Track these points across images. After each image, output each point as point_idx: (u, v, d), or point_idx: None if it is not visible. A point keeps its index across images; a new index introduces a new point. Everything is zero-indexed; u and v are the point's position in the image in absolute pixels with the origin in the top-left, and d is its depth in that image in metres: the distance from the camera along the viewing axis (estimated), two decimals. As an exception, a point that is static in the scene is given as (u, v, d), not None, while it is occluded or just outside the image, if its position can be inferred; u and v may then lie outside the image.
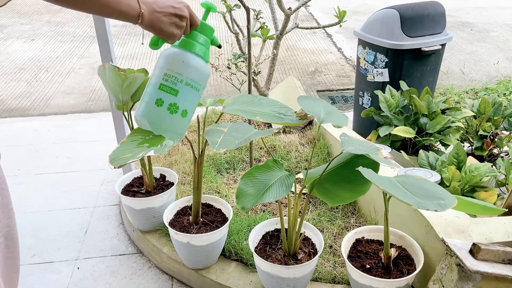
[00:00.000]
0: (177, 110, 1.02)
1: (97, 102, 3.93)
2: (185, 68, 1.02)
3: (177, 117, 1.03)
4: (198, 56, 1.04)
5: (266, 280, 1.61)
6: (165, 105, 1.01)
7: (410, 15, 2.63)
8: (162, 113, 1.01)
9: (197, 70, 1.03)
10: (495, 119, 2.45)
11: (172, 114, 1.02)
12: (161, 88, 1.01)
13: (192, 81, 1.03)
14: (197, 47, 1.04)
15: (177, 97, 1.01)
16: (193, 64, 1.03)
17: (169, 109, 1.01)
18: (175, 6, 0.97)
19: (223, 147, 1.28)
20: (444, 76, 4.50)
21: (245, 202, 1.32)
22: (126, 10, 0.89)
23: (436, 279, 1.42)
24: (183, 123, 1.05)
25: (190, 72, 1.02)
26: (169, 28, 0.96)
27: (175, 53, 1.03)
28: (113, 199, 2.45)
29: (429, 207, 1.11)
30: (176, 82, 1.01)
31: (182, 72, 1.01)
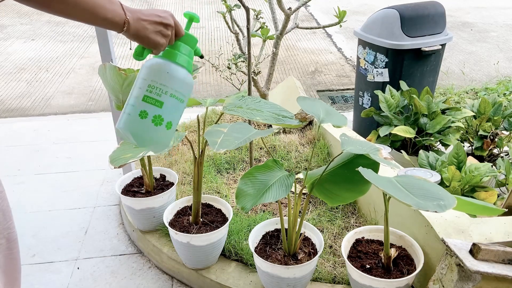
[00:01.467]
0: (162, 122, 0.99)
1: (97, 102, 3.93)
2: (170, 79, 0.99)
3: (161, 129, 1.00)
4: (183, 66, 1.02)
5: (266, 280, 1.61)
6: (149, 117, 0.98)
7: (410, 15, 2.63)
8: (147, 126, 0.98)
9: (182, 81, 1.01)
10: (495, 119, 2.45)
11: (157, 126, 0.99)
12: (145, 100, 0.98)
13: (177, 92, 1.00)
14: (181, 58, 1.02)
15: (162, 109, 0.99)
16: (178, 75, 1.00)
17: (153, 121, 0.98)
18: (160, 15, 0.95)
19: (223, 147, 1.28)
20: (444, 76, 4.50)
21: (245, 202, 1.32)
22: (112, 17, 0.88)
23: (436, 279, 1.42)
24: (168, 135, 1.03)
25: (175, 83, 1.00)
26: (154, 37, 0.95)
27: (159, 63, 1.00)
28: (113, 199, 2.45)
29: (429, 208, 1.11)
30: (161, 94, 0.98)
31: (167, 83, 0.99)
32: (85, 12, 0.85)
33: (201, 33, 5.91)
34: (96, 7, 0.85)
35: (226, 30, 5.87)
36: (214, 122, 2.87)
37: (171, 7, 7.24)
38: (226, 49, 5.16)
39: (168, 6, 7.26)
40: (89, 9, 0.85)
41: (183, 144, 2.74)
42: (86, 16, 0.85)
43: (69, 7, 0.83)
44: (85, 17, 0.86)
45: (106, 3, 0.87)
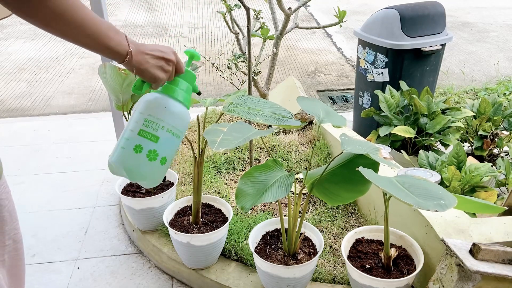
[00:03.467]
0: (157, 157, 0.98)
1: (97, 102, 3.93)
2: (167, 114, 0.98)
3: (155, 165, 0.98)
4: (180, 102, 1.01)
5: (266, 280, 1.61)
6: (144, 151, 0.96)
7: (410, 15, 2.63)
8: (141, 160, 0.96)
9: (179, 117, 1.00)
10: (495, 119, 2.45)
11: (151, 161, 0.97)
12: (140, 134, 0.97)
13: (173, 128, 0.99)
14: (180, 94, 1.01)
15: (157, 144, 0.97)
16: (176, 110, 1.00)
17: (148, 156, 0.96)
18: (162, 50, 0.96)
19: (222, 146, 1.28)
20: (444, 76, 4.50)
21: (245, 202, 1.32)
22: (114, 46, 0.87)
23: (436, 279, 1.42)
24: (161, 170, 1.01)
25: (172, 118, 0.99)
26: (155, 71, 0.95)
27: (157, 98, 0.99)
28: (113, 199, 2.45)
29: (429, 207, 1.11)
30: (157, 128, 0.97)
31: (164, 118, 0.98)
32: (87, 38, 0.84)
33: (201, 33, 5.91)
34: (100, 34, 0.85)
35: (226, 30, 5.87)
36: (214, 122, 2.87)
37: (171, 7, 7.25)
38: (226, 49, 5.16)
39: (168, 6, 7.27)
40: (91, 34, 0.83)
41: (183, 144, 2.74)
42: (87, 41, 0.84)
43: (71, 29, 0.81)
44: (86, 42, 0.85)
45: (111, 32, 0.87)
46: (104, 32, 0.85)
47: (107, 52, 0.88)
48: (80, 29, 0.82)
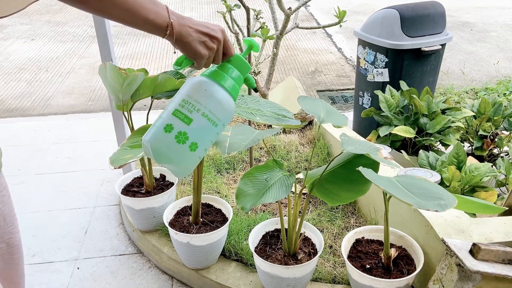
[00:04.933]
0: (186, 141, 0.91)
1: (97, 102, 3.93)
2: (207, 97, 0.92)
3: (184, 149, 0.91)
4: (225, 89, 0.94)
5: (266, 280, 1.61)
6: (173, 132, 0.90)
7: (410, 15, 2.63)
8: (168, 141, 0.90)
9: (220, 103, 0.93)
10: (495, 119, 2.45)
11: (179, 144, 0.90)
12: (174, 114, 0.91)
13: (210, 113, 0.92)
14: (227, 81, 0.94)
15: (189, 126, 0.90)
16: (217, 96, 0.93)
17: (176, 138, 0.90)
18: (209, 27, 0.90)
19: (233, 150, 1.28)
20: (444, 76, 4.50)
21: (245, 202, 1.32)
22: (154, 18, 0.82)
23: (436, 279, 1.42)
24: (191, 157, 0.93)
25: (211, 103, 0.92)
26: (197, 46, 0.88)
27: (201, 81, 0.93)
28: (113, 199, 2.45)
29: (429, 207, 1.11)
30: (192, 110, 0.91)
31: (202, 101, 0.91)
32: (124, 12, 0.78)
33: (201, 33, 5.90)
34: (137, 7, 0.79)
35: (226, 30, 5.87)
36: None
37: (171, 7, 7.25)
38: (226, 49, 5.15)
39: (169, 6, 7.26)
40: (129, 8, 0.78)
41: (183, 144, 2.74)
42: (125, 16, 0.79)
43: (107, 5, 0.77)
44: (124, 17, 0.80)
45: (149, 4, 0.82)
46: (142, 4, 0.80)
47: (146, 25, 0.83)
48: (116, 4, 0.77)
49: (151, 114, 1.99)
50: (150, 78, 1.71)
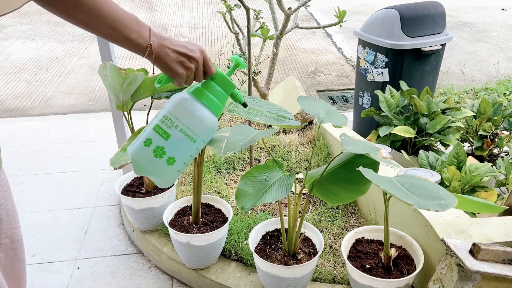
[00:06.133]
0: (163, 155, 0.96)
1: (97, 102, 3.93)
2: (185, 114, 0.96)
3: (161, 163, 0.96)
4: (206, 107, 0.97)
5: (266, 280, 1.61)
6: (152, 146, 0.96)
7: (410, 15, 2.63)
8: (146, 154, 0.96)
9: (199, 120, 0.97)
10: (495, 119, 2.45)
11: (156, 158, 0.96)
12: (155, 129, 0.96)
13: (188, 129, 0.96)
14: (208, 98, 0.97)
15: (166, 141, 0.96)
16: (196, 113, 0.96)
17: (154, 152, 0.96)
18: (187, 47, 0.93)
19: (229, 150, 1.28)
20: (444, 76, 4.50)
21: (245, 202, 1.32)
22: (135, 38, 0.86)
23: (436, 279, 1.42)
24: (168, 171, 0.98)
25: (189, 120, 0.96)
26: (174, 66, 0.92)
27: (181, 98, 0.97)
28: (113, 199, 2.45)
29: (429, 207, 1.11)
30: (171, 126, 0.96)
31: (180, 118, 0.96)
32: (108, 28, 0.82)
33: (201, 33, 5.91)
34: (121, 25, 0.83)
35: (226, 30, 5.87)
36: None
37: (171, 7, 7.25)
38: (227, 49, 5.16)
39: (168, 6, 7.27)
40: (113, 25, 0.82)
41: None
42: (109, 32, 0.83)
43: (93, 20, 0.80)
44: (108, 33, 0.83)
45: (133, 24, 0.85)
46: (127, 24, 0.84)
47: (126, 43, 0.86)
48: (100, 20, 0.80)
49: (151, 114, 1.99)
50: (150, 78, 1.71)
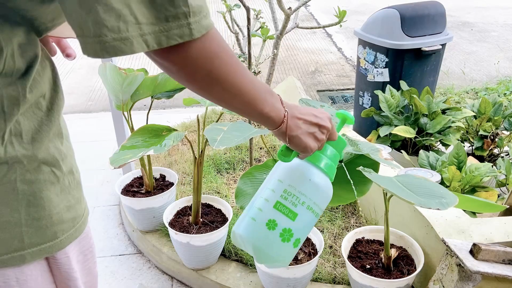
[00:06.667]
0: (291, 238, 0.81)
1: (97, 102, 3.93)
2: (311, 188, 0.82)
3: (288, 247, 0.81)
4: (326, 175, 0.84)
5: (266, 280, 1.61)
6: (278, 229, 0.80)
7: (410, 15, 2.63)
8: (272, 239, 0.80)
9: (323, 192, 0.84)
10: (495, 119, 2.45)
11: (284, 242, 0.80)
12: (277, 207, 0.80)
13: (315, 205, 0.83)
14: (326, 163, 0.84)
15: (294, 222, 0.80)
16: (321, 184, 0.83)
17: (281, 236, 0.80)
18: (317, 115, 0.81)
19: (222, 144, 1.27)
20: (444, 76, 4.49)
21: (244, 201, 1.32)
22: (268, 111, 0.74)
23: (436, 279, 1.42)
24: (292, 254, 0.84)
25: (316, 194, 0.82)
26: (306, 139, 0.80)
27: (302, 167, 0.83)
28: (113, 199, 2.44)
29: (431, 205, 1.10)
30: (297, 204, 0.81)
31: (306, 193, 0.81)
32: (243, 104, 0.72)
33: (201, 33, 5.91)
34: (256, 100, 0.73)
35: (226, 30, 5.86)
36: (214, 121, 2.87)
37: (171, 7, 7.24)
38: (226, 49, 5.15)
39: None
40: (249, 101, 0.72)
41: (183, 144, 2.74)
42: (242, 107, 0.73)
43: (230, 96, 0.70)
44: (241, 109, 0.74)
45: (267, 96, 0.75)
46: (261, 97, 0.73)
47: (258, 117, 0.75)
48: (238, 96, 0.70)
49: (151, 114, 1.99)
50: (150, 78, 1.71)
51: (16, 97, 0.62)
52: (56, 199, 0.70)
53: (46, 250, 0.71)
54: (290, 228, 0.80)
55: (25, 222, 0.67)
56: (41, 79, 0.67)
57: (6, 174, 0.63)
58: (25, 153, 0.64)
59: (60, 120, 0.73)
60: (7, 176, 0.63)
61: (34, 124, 0.66)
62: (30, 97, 0.64)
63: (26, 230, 0.67)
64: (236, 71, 0.68)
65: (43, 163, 0.67)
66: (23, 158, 0.64)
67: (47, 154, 0.68)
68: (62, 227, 0.72)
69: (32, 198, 0.66)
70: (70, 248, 0.76)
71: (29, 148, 0.65)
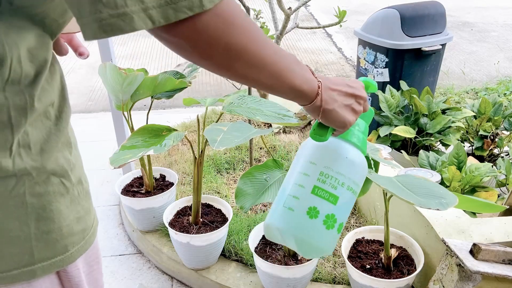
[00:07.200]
0: (334, 224, 0.74)
1: (97, 102, 3.93)
2: (349, 166, 0.75)
3: (333, 234, 0.74)
4: (359, 149, 0.77)
5: (266, 280, 1.60)
6: (320, 216, 0.72)
7: (411, 15, 2.63)
8: (316, 228, 0.73)
9: (362, 169, 0.77)
10: (495, 119, 2.45)
11: (328, 229, 0.73)
12: (315, 192, 0.73)
13: (354, 184, 0.76)
14: (360, 138, 0.77)
15: (336, 206, 0.73)
16: (357, 161, 0.76)
17: (325, 223, 0.73)
18: (350, 85, 0.73)
19: (222, 145, 1.27)
20: (444, 76, 4.49)
21: (244, 201, 1.32)
22: (300, 84, 0.66)
23: (436, 279, 1.42)
24: (336, 240, 0.77)
25: (354, 171, 0.76)
26: (344, 112, 0.72)
27: (334, 144, 0.76)
28: (113, 199, 2.44)
29: (431, 206, 1.11)
30: (337, 186, 0.73)
31: (345, 172, 0.74)
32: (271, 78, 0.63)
33: (201, 33, 5.91)
34: (285, 71, 0.64)
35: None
36: (214, 122, 2.87)
37: (171, 7, 7.24)
38: (226, 49, 5.15)
39: (168, 6, 7.26)
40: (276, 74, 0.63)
41: (183, 144, 2.74)
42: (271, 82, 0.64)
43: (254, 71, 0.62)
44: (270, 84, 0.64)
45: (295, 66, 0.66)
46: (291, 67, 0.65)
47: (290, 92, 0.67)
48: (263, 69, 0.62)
49: (151, 114, 1.99)
50: (150, 78, 1.71)
51: (23, 107, 0.58)
52: (66, 211, 0.68)
53: (57, 264, 0.68)
54: (333, 214, 0.74)
55: (35, 236, 0.64)
56: (49, 86, 0.63)
57: (15, 187, 0.60)
58: (33, 164, 0.61)
59: (68, 129, 0.69)
60: (15, 190, 0.60)
61: (43, 134, 0.62)
62: (38, 106, 0.61)
63: (36, 244, 0.65)
64: (257, 40, 0.60)
65: (52, 174, 0.64)
66: (32, 170, 0.61)
67: (56, 164, 0.65)
68: (73, 239, 0.70)
69: (41, 211, 0.64)
70: (80, 260, 0.74)
71: (37, 159, 0.62)
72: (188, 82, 1.77)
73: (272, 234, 0.77)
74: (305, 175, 0.75)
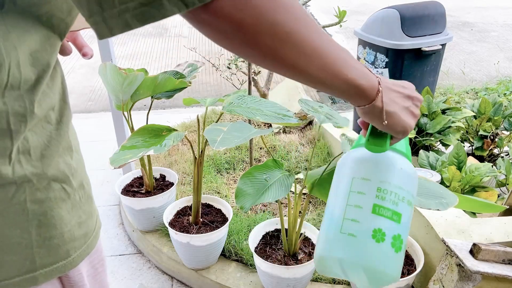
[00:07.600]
0: (401, 245, 0.65)
1: (97, 102, 3.93)
2: (406, 178, 0.67)
3: (400, 257, 0.65)
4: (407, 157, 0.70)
5: (266, 280, 1.60)
6: (387, 239, 0.63)
7: (411, 15, 2.63)
8: (386, 253, 0.63)
9: (416, 178, 0.69)
10: (495, 119, 2.45)
11: (397, 252, 0.64)
12: (377, 212, 0.64)
13: (412, 197, 0.68)
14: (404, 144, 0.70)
15: (400, 225, 0.65)
16: (411, 171, 0.68)
17: (393, 246, 0.63)
18: (405, 86, 0.66)
19: (222, 145, 1.27)
20: (444, 76, 4.49)
21: (244, 201, 1.32)
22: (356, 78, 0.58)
23: (436, 279, 1.42)
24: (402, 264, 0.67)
25: (411, 183, 0.68)
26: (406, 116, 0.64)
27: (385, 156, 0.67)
28: (113, 199, 2.44)
29: (431, 206, 1.11)
30: (397, 201, 0.65)
31: (403, 185, 0.66)
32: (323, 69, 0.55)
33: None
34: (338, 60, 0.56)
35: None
36: (214, 122, 2.87)
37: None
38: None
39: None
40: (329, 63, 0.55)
41: (183, 144, 2.74)
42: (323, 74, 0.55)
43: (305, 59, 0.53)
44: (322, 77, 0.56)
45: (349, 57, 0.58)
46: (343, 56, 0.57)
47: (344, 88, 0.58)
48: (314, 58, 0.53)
49: (151, 114, 1.99)
50: (150, 78, 1.71)
51: (23, 113, 0.56)
52: (68, 216, 0.66)
53: (58, 270, 0.67)
54: (399, 234, 0.64)
55: (36, 243, 0.63)
56: (50, 90, 0.61)
57: (15, 194, 0.58)
58: (34, 171, 0.59)
59: (69, 133, 0.67)
60: (16, 197, 0.59)
61: (43, 139, 0.60)
62: (38, 111, 0.58)
63: (38, 250, 0.64)
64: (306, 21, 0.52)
65: (53, 180, 0.63)
66: (32, 177, 0.59)
67: (57, 170, 0.63)
68: (74, 244, 0.69)
69: (43, 217, 0.62)
70: (82, 265, 0.73)
71: (38, 165, 0.60)
72: (188, 82, 1.77)
73: (329, 267, 0.67)
74: (359, 194, 0.66)
